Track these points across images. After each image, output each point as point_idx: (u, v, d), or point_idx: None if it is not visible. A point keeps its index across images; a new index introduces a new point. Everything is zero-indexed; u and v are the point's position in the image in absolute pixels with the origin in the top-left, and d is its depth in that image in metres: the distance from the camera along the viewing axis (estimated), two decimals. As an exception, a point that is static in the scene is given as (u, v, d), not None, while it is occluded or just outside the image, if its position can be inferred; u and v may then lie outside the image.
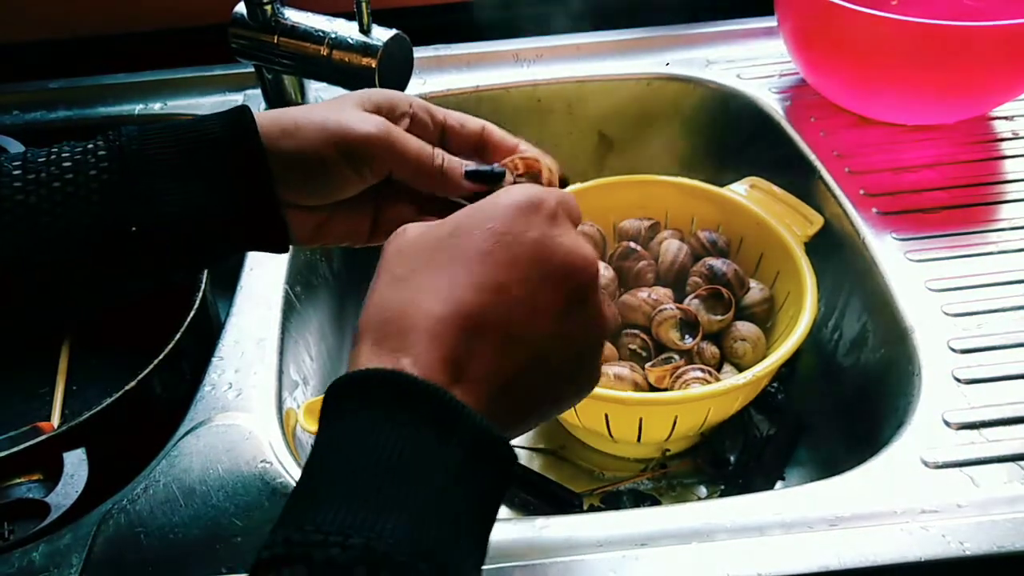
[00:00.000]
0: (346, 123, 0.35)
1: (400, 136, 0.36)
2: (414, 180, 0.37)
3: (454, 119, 0.40)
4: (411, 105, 0.38)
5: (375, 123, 0.36)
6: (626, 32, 0.79)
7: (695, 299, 0.58)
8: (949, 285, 0.53)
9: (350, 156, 0.35)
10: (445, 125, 0.39)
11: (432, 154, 0.37)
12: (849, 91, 0.66)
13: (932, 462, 0.43)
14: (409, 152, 0.36)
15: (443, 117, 0.39)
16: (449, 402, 0.26)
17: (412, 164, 0.36)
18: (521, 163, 0.39)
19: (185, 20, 0.79)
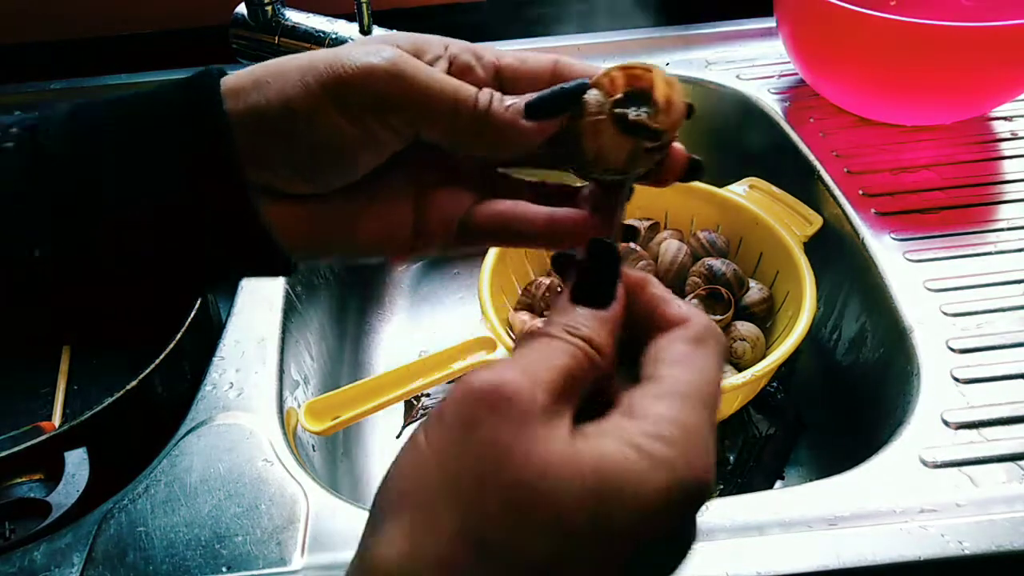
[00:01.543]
0: (341, 56, 0.26)
1: (419, 69, 0.26)
2: (452, 139, 0.27)
3: (510, 57, 0.29)
4: (447, 47, 0.29)
5: (384, 55, 0.26)
6: (626, 32, 0.79)
7: (694, 299, 0.58)
8: (948, 285, 0.53)
9: (345, 103, 0.25)
10: (499, 67, 0.29)
11: (471, 93, 0.26)
12: (848, 92, 0.67)
13: (931, 461, 0.43)
14: (434, 90, 0.26)
15: (495, 58, 0.29)
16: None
17: (443, 109, 0.26)
18: (621, 77, 0.26)
19: (186, 21, 0.79)
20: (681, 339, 0.24)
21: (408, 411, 0.66)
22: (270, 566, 0.40)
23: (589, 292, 0.25)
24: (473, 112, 0.26)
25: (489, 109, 0.27)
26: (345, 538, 0.42)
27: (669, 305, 0.26)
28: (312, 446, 0.55)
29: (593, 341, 0.24)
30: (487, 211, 0.29)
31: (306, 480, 0.44)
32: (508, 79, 0.29)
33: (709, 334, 0.25)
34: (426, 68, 0.26)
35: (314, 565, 0.40)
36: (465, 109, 0.26)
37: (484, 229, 0.29)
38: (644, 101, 0.26)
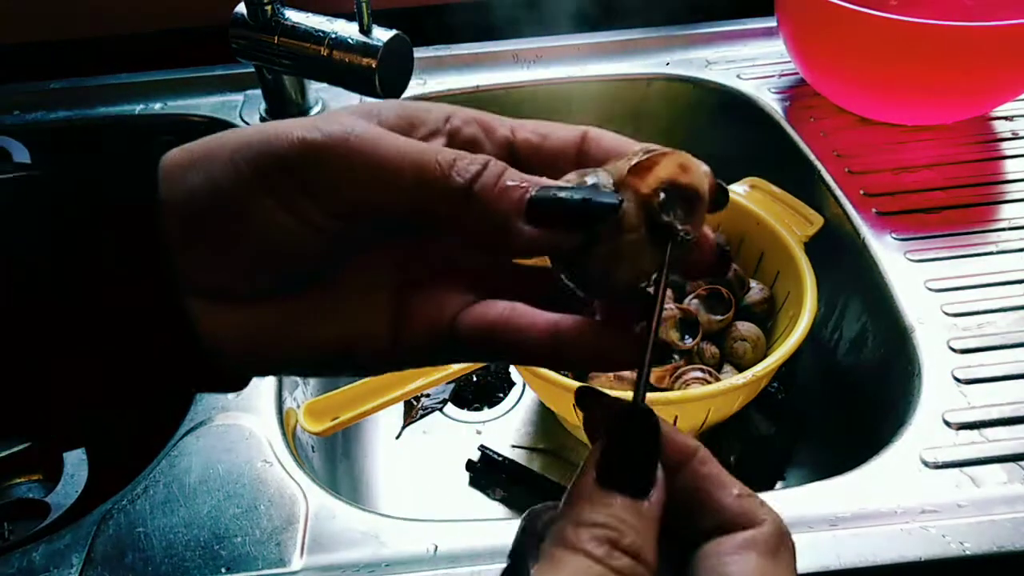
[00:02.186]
0: (281, 131, 0.21)
1: (372, 141, 0.21)
2: (423, 220, 0.21)
3: (529, 130, 0.24)
4: (448, 119, 0.23)
5: (330, 128, 0.21)
6: (626, 32, 0.79)
7: (695, 299, 0.58)
8: (949, 285, 0.53)
9: (278, 186, 0.21)
10: (514, 142, 0.24)
11: (442, 159, 0.21)
12: (849, 91, 0.66)
13: (932, 462, 0.43)
14: (389, 159, 0.21)
15: (509, 131, 0.24)
16: None
17: (402, 183, 0.21)
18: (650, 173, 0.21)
19: (186, 20, 0.79)
20: (752, 548, 0.20)
21: (408, 412, 0.66)
22: (269, 567, 0.40)
23: (623, 475, 0.20)
24: (445, 184, 0.20)
25: (475, 183, 0.20)
26: (344, 539, 0.42)
27: (726, 492, 0.21)
28: (311, 447, 0.55)
29: (640, 554, 0.19)
30: (474, 319, 0.23)
31: (305, 481, 0.44)
32: (525, 158, 0.23)
33: (783, 541, 0.20)
34: (386, 138, 0.21)
35: (313, 566, 0.40)
36: (433, 179, 0.20)
37: (471, 340, 0.23)
38: (672, 200, 0.22)
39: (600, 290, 0.22)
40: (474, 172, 0.21)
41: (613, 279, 0.21)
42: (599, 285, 0.22)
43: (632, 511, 0.19)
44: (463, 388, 0.67)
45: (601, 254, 0.21)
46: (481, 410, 0.66)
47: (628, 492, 0.20)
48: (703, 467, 0.21)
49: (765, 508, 0.21)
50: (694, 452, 0.21)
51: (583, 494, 0.20)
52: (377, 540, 0.41)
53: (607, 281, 0.22)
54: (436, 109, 0.24)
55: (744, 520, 0.20)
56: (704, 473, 0.21)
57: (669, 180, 0.21)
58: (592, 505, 0.19)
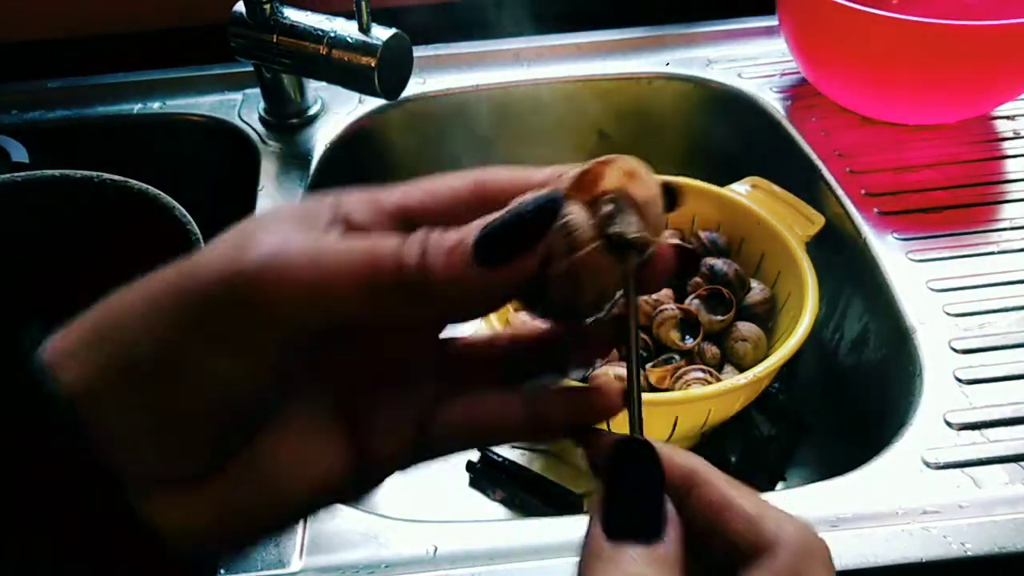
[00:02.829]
0: (191, 273, 0.19)
1: (302, 252, 0.19)
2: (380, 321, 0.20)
3: (417, 191, 0.22)
4: (337, 206, 0.21)
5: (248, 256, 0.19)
6: (626, 32, 0.79)
7: (696, 299, 0.58)
8: (951, 285, 0.53)
9: (212, 333, 0.19)
10: (406, 210, 0.22)
11: (389, 249, 0.19)
12: (850, 91, 0.66)
13: (934, 462, 0.43)
14: (331, 267, 0.19)
15: (399, 199, 0.22)
16: None
17: (351, 291, 0.19)
18: (591, 177, 0.21)
19: (184, 19, 0.79)
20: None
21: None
22: (268, 567, 0.40)
23: (631, 521, 0.19)
24: (399, 275, 0.19)
25: (424, 263, 0.19)
26: (344, 540, 0.41)
27: (736, 516, 0.19)
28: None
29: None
30: (449, 421, 0.22)
31: (305, 481, 0.44)
32: (422, 222, 0.21)
33: (804, 560, 0.19)
34: (313, 246, 0.19)
35: (313, 567, 0.40)
36: (387, 275, 0.19)
37: (450, 441, 0.22)
38: (621, 208, 0.20)
39: (569, 315, 0.22)
40: (418, 249, 0.19)
41: (577, 301, 0.21)
42: (566, 311, 0.21)
43: (648, 559, 0.18)
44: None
45: (559, 276, 0.20)
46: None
47: (640, 539, 0.18)
48: (708, 490, 0.20)
49: (781, 526, 0.19)
50: (694, 473, 0.20)
51: (595, 554, 0.18)
52: (377, 541, 0.41)
53: (572, 305, 0.21)
54: (322, 204, 0.21)
55: (758, 547, 0.19)
56: (711, 498, 0.20)
57: (615, 188, 0.20)
58: (605, 565, 0.18)
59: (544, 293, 0.20)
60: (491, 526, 0.42)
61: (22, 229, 0.49)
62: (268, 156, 0.68)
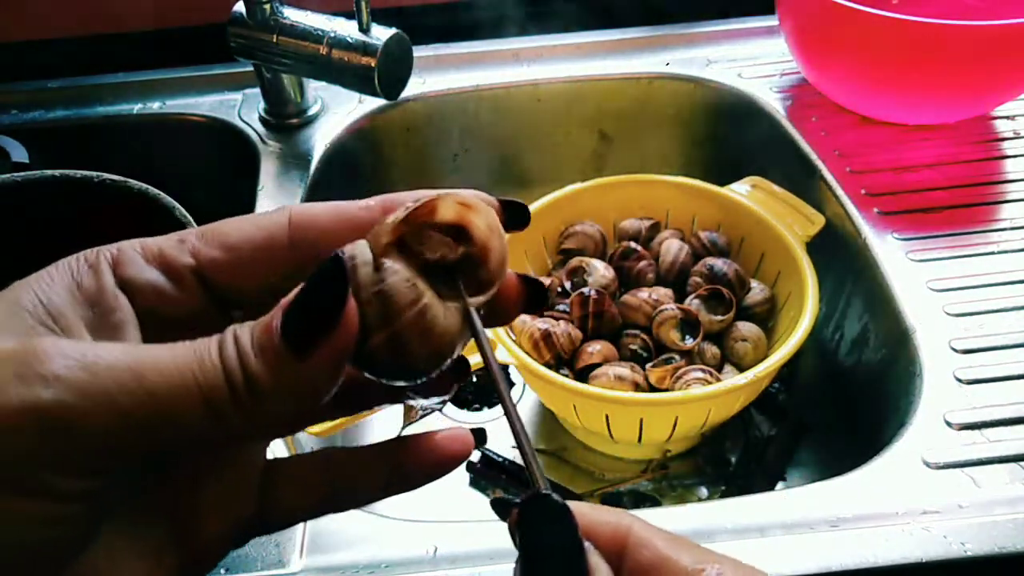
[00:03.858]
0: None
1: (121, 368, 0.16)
2: (212, 444, 0.18)
3: (214, 243, 0.20)
4: (116, 267, 0.19)
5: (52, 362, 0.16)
6: (626, 32, 0.79)
7: (696, 299, 0.58)
8: (951, 285, 0.53)
9: None
10: (201, 268, 0.20)
11: (206, 363, 0.17)
12: (850, 91, 0.66)
13: (933, 463, 0.43)
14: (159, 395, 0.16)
15: (191, 255, 0.20)
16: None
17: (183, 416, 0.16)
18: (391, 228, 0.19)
19: (184, 19, 0.79)
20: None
21: (407, 412, 0.66)
22: (268, 568, 0.40)
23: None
24: (237, 405, 0.17)
25: (250, 382, 0.17)
26: (344, 540, 0.41)
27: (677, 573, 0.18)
28: (311, 448, 0.54)
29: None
30: (294, 501, 0.21)
31: (305, 481, 0.44)
32: (223, 281, 0.19)
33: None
34: (131, 358, 0.16)
35: (313, 567, 0.40)
36: (225, 408, 0.17)
37: (300, 514, 0.21)
38: (444, 244, 0.19)
39: (408, 376, 0.19)
40: (234, 352, 0.17)
41: (411, 364, 0.19)
42: (403, 375, 0.19)
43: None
44: (463, 388, 0.67)
45: (382, 348, 0.18)
46: (481, 410, 0.66)
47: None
48: (644, 552, 0.18)
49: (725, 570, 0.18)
50: (627, 533, 0.18)
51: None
52: (376, 541, 0.41)
53: (407, 368, 0.19)
54: (98, 264, 0.19)
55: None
56: (647, 561, 0.18)
57: (452, 221, 0.19)
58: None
59: (372, 367, 0.19)
60: (491, 526, 0.42)
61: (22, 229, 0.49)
62: (268, 156, 0.68)
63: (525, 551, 0.18)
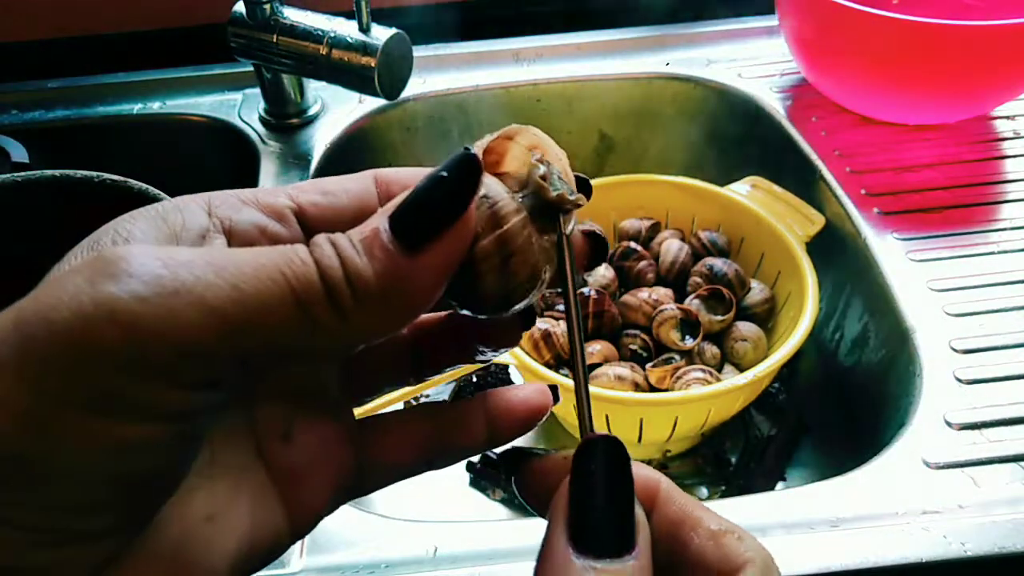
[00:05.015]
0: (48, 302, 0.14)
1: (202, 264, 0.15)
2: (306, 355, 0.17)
3: (310, 192, 0.19)
4: (210, 206, 0.18)
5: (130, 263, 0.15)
6: (626, 32, 0.79)
7: (696, 299, 0.58)
8: (951, 285, 0.53)
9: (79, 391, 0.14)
10: (299, 210, 0.19)
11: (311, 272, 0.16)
12: (850, 91, 0.66)
13: (933, 463, 0.43)
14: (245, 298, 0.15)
15: (289, 199, 0.19)
16: None
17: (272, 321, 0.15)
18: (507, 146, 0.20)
19: (184, 19, 0.79)
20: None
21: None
22: (269, 568, 0.40)
23: (601, 531, 0.16)
24: (335, 306, 0.15)
25: (352, 281, 0.16)
26: (344, 540, 0.41)
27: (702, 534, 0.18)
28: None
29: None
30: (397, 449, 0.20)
31: (305, 481, 0.44)
32: (317, 226, 0.19)
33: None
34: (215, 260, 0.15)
35: (313, 567, 0.40)
36: (320, 308, 0.15)
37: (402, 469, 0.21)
38: (551, 170, 0.19)
39: (502, 302, 0.19)
40: (332, 251, 0.16)
41: (511, 283, 0.18)
42: (499, 298, 0.19)
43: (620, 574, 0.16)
44: (463, 388, 0.67)
45: (488, 256, 0.18)
46: (481, 410, 0.66)
47: (610, 552, 0.16)
48: (672, 507, 0.18)
49: (745, 543, 0.18)
50: (658, 488, 0.18)
51: (559, 568, 0.16)
52: (377, 541, 0.41)
53: (506, 288, 0.18)
54: (191, 203, 0.18)
55: (726, 567, 0.18)
56: (675, 516, 0.18)
57: (530, 152, 0.19)
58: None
59: (472, 280, 0.18)
60: (491, 526, 0.42)
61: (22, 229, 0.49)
62: (268, 156, 0.68)
63: (585, 491, 0.17)
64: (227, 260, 0.15)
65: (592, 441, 0.17)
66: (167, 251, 0.15)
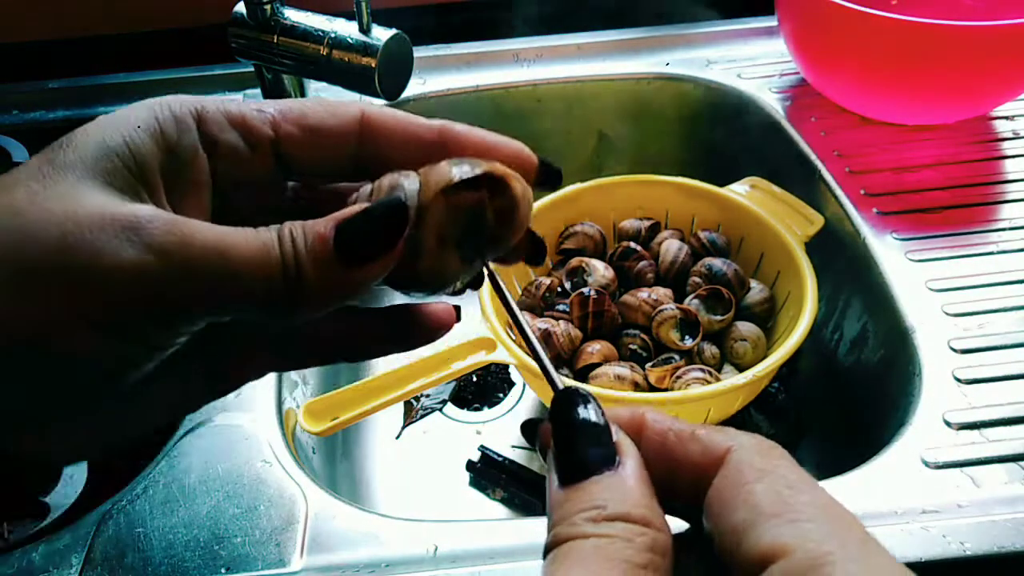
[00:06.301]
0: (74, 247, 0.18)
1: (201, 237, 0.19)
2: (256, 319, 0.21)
3: (294, 121, 0.22)
4: (198, 113, 0.21)
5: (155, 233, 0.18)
6: (626, 32, 0.79)
7: (695, 299, 0.58)
8: (950, 285, 0.53)
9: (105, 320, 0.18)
10: (279, 140, 0.22)
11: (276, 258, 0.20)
12: (850, 91, 0.66)
13: (933, 462, 0.43)
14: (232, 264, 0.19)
15: (271, 126, 0.22)
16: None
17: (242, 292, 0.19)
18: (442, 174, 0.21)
19: (184, 20, 0.79)
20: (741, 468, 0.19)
21: (407, 412, 0.66)
22: (269, 567, 0.40)
23: (583, 459, 0.19)
24: (289, 292, 0.20)
25: (299, 269, 0.20)
26: (344, 539, 0.42)
27: (692, 441, 0.20)
28: (311, 447, 0.54)
29: (630, 516, 0.18)
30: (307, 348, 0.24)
31: (305, 481, 0.44)
32: (295, 160, 0.22)
33: (772, 448, 0.20)
34: (212, 243, 0.19)
35: (313, 566, 0.40)
36: (279, 293, 0.20)
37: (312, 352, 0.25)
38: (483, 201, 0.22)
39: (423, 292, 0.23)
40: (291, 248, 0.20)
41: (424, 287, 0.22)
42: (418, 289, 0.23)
43: (604, 486, 0.18)
44: (463, 388, 0.67)
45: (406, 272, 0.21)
46: (481, 410, 0.66)
47: (590, 472, 0.19)
48: (657, 427, 0.21)
49: (727, 434, 0.20)
50: (643, 418, 0.21)
51: (555, 504, 0.19)
52: (377, 541, 0.41)
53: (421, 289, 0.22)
54: (182, 115, 0.21)
55: (713, 457, 0.20)
56: (660, 434, 0.20)
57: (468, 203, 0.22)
58: (563, 504, 0.19)
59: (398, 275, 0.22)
60: (491, 526, 0.43)
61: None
62: (268, 156, 0.68)
63: (560, 433, 0.20)
64: (229, 245, 0.19)
65: (558, 395, 0.21)
66: (186, 225, 0.19)
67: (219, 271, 0.19)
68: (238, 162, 0.22)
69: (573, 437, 0.20)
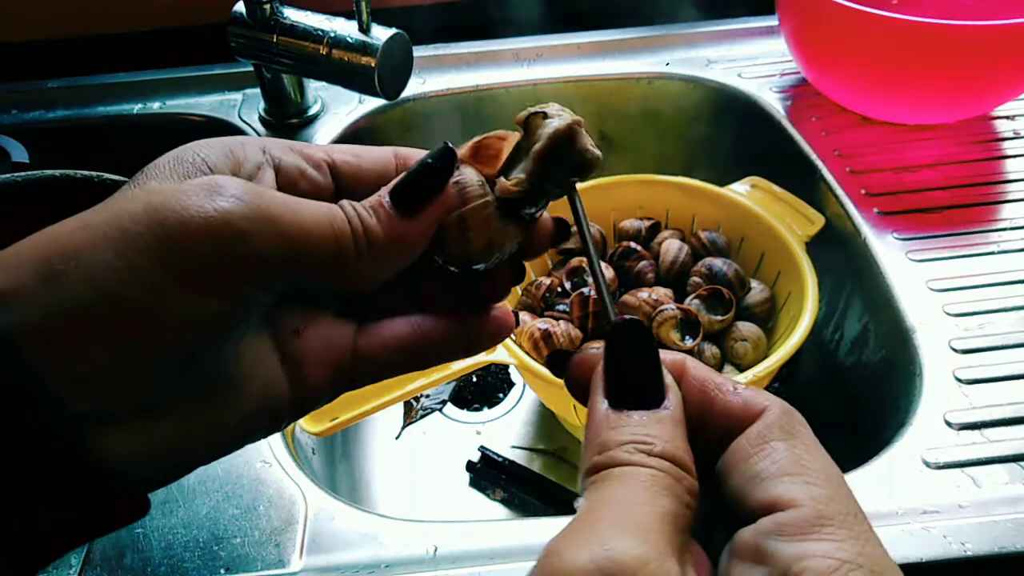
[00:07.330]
0: (169, 211, 0.19)
1: (282, 207, 0.21)
2: (333, 285, 0.22)
3: (343, 151, 0.25)
4: (265, 150, 0.24)
5: (230, 193, 0.20)
6: (626, 32, 0.79)
7: (696, 299, 0.58)
8: (951, 285, 0.53)
9: (197, 276, 0.19)
10: (333, 166, 0.25)
11: (347, 229, 0.22)
12: (850, 91, 0.66)
13: (933, 462, 0.43)
14: (308, 233, 0.21)
15: (325, 155, 0.25)
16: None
17: (322, 256, 0.21)
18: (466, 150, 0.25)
19: (184, 19, 0.79)
20: (768, 438, 0.20)
21: (407, 412, 0.66)
22: (268, 568, 0.40)
23: (633, 389, 0.20)
24: (357, 249, 0.21)
25: (367, 233, 0.22)
26: (344, 540, 0.41)
27: (726, 392, 0.21)
28: (311, 447, 0.54)
29: (676, 457, 0.19)
30: (381, 339, 0.24)
31: (305, 481, 0.44)
32: (346, 180, 0.25)
33: (793, 418, 0.21)
34: (283, 203, 0.21)
35: (313, 567, 0.40)
36: (349, 249, 0.21)
37: (384, 359, 0.24)
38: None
39: (463, 262, 0.24)
40: (353, 213, 0.22)
41: (470, 249, 0.24)
42: (460, 259, 0.24)
43: (654, 422, 0.20)
44: (463, 388, 0.67)
45: (451, 226, 0.23)
46: (481, 410, 0.66)
47: (644, 405, 0.20)
48: (698, 373, 0.22)
49: (764, 395, 0.21)
50: (684, 363, 0.22)
51: (601, 422, 0.20)
52: (376, 541, 0.41)
53: (465, 252, 0.24)
54: (251, 144, 0.24)
55: (750, 412, 0.21)
56: (701, 381, 0.22)
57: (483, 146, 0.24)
58: (612, 429, 0.20)
59: (442, 242, 0.24)
60: (491, 526, 0.42)
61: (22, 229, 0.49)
62: (268, 156, 0.68)
63: (620, 356, 0.21)
64: (299, 205, 0.21)
65: (616, 323, 0.21)
66: (258, 187, 0.21)
67: (293, 224, 0.21)
68: (303, 178, 0.24)
69: (633, 365, 0.21)
